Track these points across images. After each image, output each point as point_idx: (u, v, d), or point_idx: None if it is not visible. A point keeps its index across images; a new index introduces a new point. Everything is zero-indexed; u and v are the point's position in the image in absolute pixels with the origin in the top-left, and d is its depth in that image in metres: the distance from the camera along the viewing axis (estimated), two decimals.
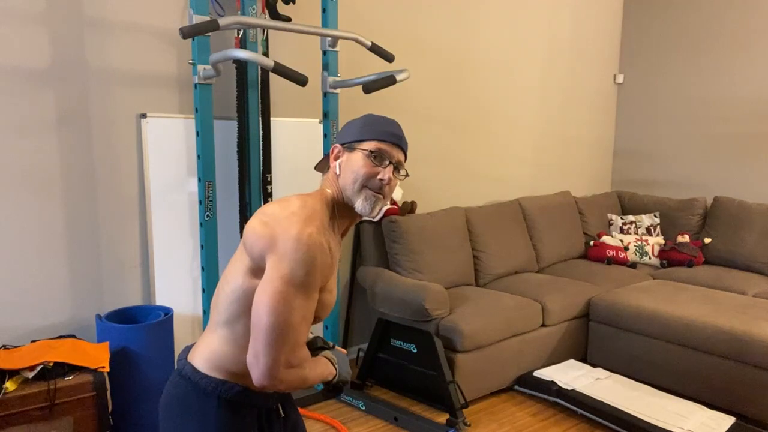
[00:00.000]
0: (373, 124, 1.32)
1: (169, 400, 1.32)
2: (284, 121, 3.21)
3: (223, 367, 1.28)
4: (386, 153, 1.30)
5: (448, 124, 4.05)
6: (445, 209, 3.79)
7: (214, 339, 1.30)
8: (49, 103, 2.54)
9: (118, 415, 2.48)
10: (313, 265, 1.19)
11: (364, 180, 1.29)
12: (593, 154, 5.18)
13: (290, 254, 1.18)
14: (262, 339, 1.17)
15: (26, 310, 2.57)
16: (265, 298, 1.17)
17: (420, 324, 3.16)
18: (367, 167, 1.29)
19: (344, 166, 1.31)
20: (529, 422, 2.97)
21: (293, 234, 1.18)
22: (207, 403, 1.27)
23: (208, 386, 1.27)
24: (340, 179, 1.31)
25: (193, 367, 1.30)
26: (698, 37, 4.70)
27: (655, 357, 3.31)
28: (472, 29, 4.09)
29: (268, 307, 1.17)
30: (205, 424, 1.26)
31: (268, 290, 1.17)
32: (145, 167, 2.80)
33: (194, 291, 2.99)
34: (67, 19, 2.54)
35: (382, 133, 1.31)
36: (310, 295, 1.21)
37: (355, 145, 1.31)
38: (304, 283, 1.19)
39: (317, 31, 2.68)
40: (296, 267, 1.17)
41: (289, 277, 1.17)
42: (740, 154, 4.53)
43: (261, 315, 1.17)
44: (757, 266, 4.06)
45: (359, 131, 1.32)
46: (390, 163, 1.31)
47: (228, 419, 1.27)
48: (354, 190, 1.29)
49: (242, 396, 1.29)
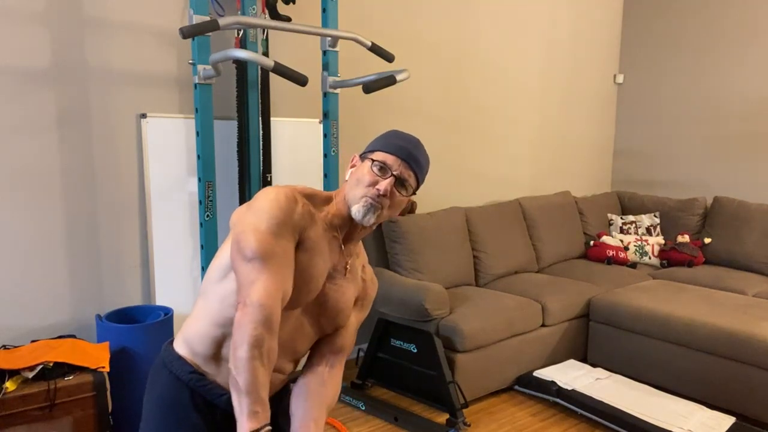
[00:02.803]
0: (389, 137, 1.33)
1: None
2: (284, 121, 3.21)
3: (188, 340, 1.33)
4: (390, 165, 1.28)
5: (448, 123, 4.05)
6: (445, 209, 3.79)
7: (190, 315, 1.36)
8: (49, 103, 2.54)
9: (118, 415, 2.48)
10: (281, 209, 1.20)
11: (365, 187, 1.28)
12: (593, 154, 5.18)
13: (256, 202, 1.22)
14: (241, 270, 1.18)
15: (26, 310, 2.57)
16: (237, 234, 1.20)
17: (420, 324, 3.16)
18: (370, 175, 1.28)
19: (353, 173, 1.32)
20: (529, 422, 2.97)
21: (260, 192, 1.25)
22: (160, 373, 1.35)
23: (166, 358, 1.35)
24: (347, 185, 1.32)
25: (171, 340, 1.39)
26: (698, 37, 4.70)
27: (655, 357, 3.31)
28: (472, 29, 4.09)
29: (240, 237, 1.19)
30: (152, 391, 1.35)
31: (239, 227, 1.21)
32: (145, 167, 2.80)
33: (194, 291, 2.99)
34: (67, 19, 2.54)
35: (393, 146, 1.30)
36: (280, 234, 1.20)
37: (368, 154, 1.32)
38: (272, 224, 1.19)
39: (317, 31, 2.68)
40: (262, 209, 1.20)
41: (256, 218, 1.20)
42: (740, 154, 4.53)
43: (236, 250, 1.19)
44: (757, 266, 4.06)
45: (375, 142, 1.34)
46: (392, 176, 1.27)
47: (169, 397, 1.31)
48: (354, 195, 1.29)
49: (192, 378, 1.30)
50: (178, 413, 1.29)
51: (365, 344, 3.44)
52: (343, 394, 3.16)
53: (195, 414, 1.29)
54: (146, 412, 1.34)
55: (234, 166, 3.03)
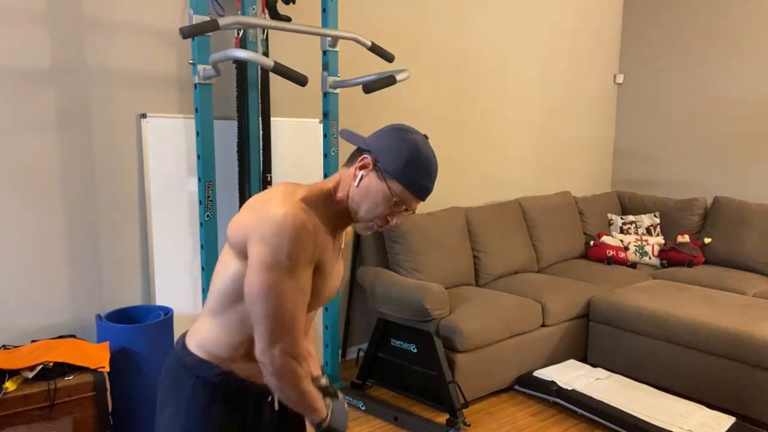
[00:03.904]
0: (418, 175, 1.25)
1: (163, 371, 1.39)
2: (284, 121, 3.21)
3: (208, 349, 1.31)
4: (409, 205, 1.28)
5: (447, 124, 4.05)
6: (445, 209, 3.79)
7: (204, 324, 1.33)
8: (49, 103, 2.54)
9: (118, 415, 2.48)
10: (296, 243, 1.17)
11: (376, 216, 1.28)
12: (593, 154, 5.18)
13: (270, 238, 1.16)
14: (260, 323, 1.19)
15: (26, 310, 2.57)
16: (255, 288, 1.18)
17: (420, 324, 3.16)
18: (386, 209, 1.27)
19: (365, 186, 1.26)
20: (529, 422, 2.97)
21: (271, 216, 1.17)
22: (186, 379, 1.31)
23: (189, 363, 1.32)
24: (355, 194, 1.27)
25: (183, 344, 1.35)
26: (698, 37, 4.70)
27: (655, 357, 3.31)
28: (473, 29, 4.09)
29: (259, 298, 1.18)
30: (180, 397, 1.31)
31: (256, 281, 1.17)
32: (145, 167, 2.80)
33: (194, 291, 2.99)
34: (67, 19, 2.54)
35: (421, 189, 1.26)
36: (298, 274, 1.19)
37: (388, 178, 1.24)
38: (290, 265, 1.17)
39: (317, 31, 2.68)
40: (278, 251, 1.16)
41: (273, 263, 1.16)
42: (740, 154, 4.53)
43: (255, 304, 1.19)
44: (757, 266, 4.06)
45: (402, 169, 1.24)
46: (406, 210, 1.29)
47: (200, 398, 1.29)
48: (362, 215, 1.28)
49: (221, 378, 1.30)
50: (212, 413, 1.30)
51: (365, 344, 3.44)
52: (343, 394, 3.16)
53: (228, 409, 1.31)
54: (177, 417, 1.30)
55: (234, 166, 3.03)
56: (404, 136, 1.26)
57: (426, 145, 1.27)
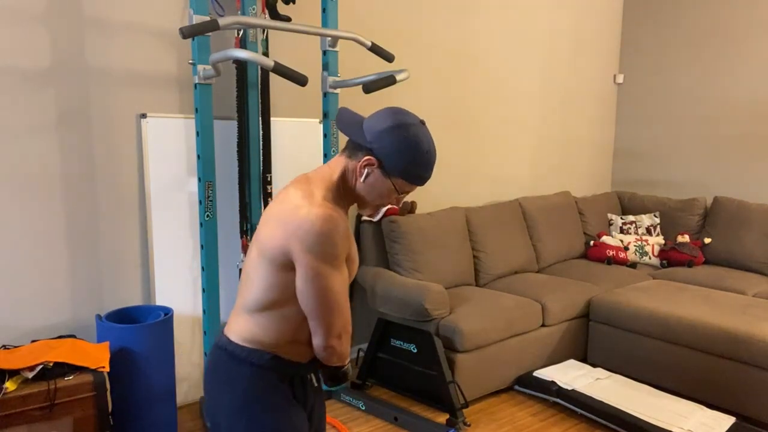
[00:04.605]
0: (420, 169, 1.35)
1: (208, 368, 1.45)
2: (284, 121, 3.21)
3: (256, 339, 1.38)
4: (411, 190, 1.40)
5: (447, 123, 4.05)
6: (445, 209, 3.79)
7: (243, 320, 1.39)
8: (49, 103, 2.54)
9: (118, 415, 2.48)
10: (335, 244, 1.27)
11: (382, 204, 1.41)
12: (593, 154, 5.18)
13: (314, 247, 1.26)
14: (320, 322, 1.31)
15: (26, 310, 2.57)
16: (312, 295, 1.29)
17: (420, 324, 3.16)
18: (391, 198, 1.39)
19: (371, 183, 1.36)
20: (529, 422, 2.97)
21: (308, 225, 1.26)
22: (239, 370, 1.37)
23: (240, 354, 1.38)
24: (361, 188, 1.37)
25: (227, 338, 1.41)
26: (698, 37, 4.70)
27: (655, 357, 3.31)
28: (472, 29, 4.09)
29: (319, 303, 1.30)
30: (237, 385, 1.37)
31: (312, 290, 1.29)
32: (145, 167, 2.80)
33: (194, 291, 2.99)
34: (67, 19, 2.54)
35: (422, 179, 1.38)
36: (341, 269, 1.32)
37: (393, 176, 1.34)
38: (335, 264, 1.29)
39: (317, 31, 2.68)
40: (324, 257, 1.27)
41: (323, 269, 1.27)
42: (740, 154, 4.53)
43: (314, 308, 1.31)
44: (757, 266, 4.06)
45: (405, 168, 1.34)
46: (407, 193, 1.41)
47: (257, 383, 1.37)
48: (368, 204, 1.41)
49: (273, 362, 1.38)
50: (272, 393, 1.39)
51: (365, 344, 3.44)
52: (343, 394, 3.16)
53: (284, 387, 1.41)
54: (237, 406, 1.38)
55: (234, 166, 3.03)
56: (405, 133, 1.32)
57: (425, 137, 1.35)
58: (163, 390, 2.58)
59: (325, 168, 1.39)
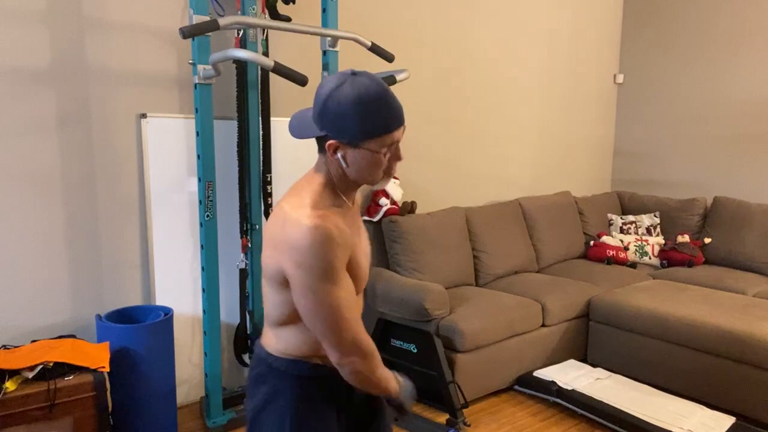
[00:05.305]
0: (379, 117, 1.20)
1: (250, 379, 1.43)
2: (284, 121, 3.21)
3: (292, 350, 1.36)
4: (395, 140, 1.25)
5: (448, 123, 4.05)
6: (445, 209, 3.79)
7: (274, 334, 1.38)
8: (49, 103, 2.54)
9: (118, 415, 2.48)
10: (325, 257, 1.19)
11: (383, 170, 1.28)
12: (593, 154, 5.18)
13: (301, 260, 1.19)
14: (325, 341, 1.26)
15: (26, 310, 2.57)
16: (308, 311, 1.24)
17: (420, 324, 3.16)
18: (383, 161, 1.26)
19: (352, 161, 1.25)
20: (529, 422, 2.97)
21: (295, 239, 1.19)
22: (284, 380, 1.36)
23: (280, 366, 1.36)
24: (351, 171, 1.27)
25: (266, 351, 1.39)
26: (698, 37, 4.70)
27: (655, 357, 3.31)
28: (473, 29, 4.09)
29: (315, 318, 1.24)
30: (277, 398, 1.36)
31: (306, 305, 1.23)
32: (145, 167, 2.80)
33: (194, 291, 2.99)
34: (67, 19, 2.54)
35: (391, 123, 1.22)
36: (338, 280, 1.23)
37: (361, 143, 1.22)
38: (328, 277, 1.21)
39: (317, 31, 2.68)
40: (314, 272, 1.19)
41: (313, 283, 1.20)
42: (740, 154, 4.53)
43: (314, 324, 1.25)
44: (757, 266, 4.06)
45: (364, 129, 1.20)
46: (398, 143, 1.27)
47: (301, 391, 1.36)
48: (372, 179, 1.29)
49: (313, 372, 1.37)
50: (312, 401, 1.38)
51: None
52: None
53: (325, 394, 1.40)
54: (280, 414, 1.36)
55: (234, 166, 3.03)
56: (338, 99, 1.19)
57: (361, 85, 1.19)
58: (163, 390, 2.58)
59: (310, 172, 1.33)
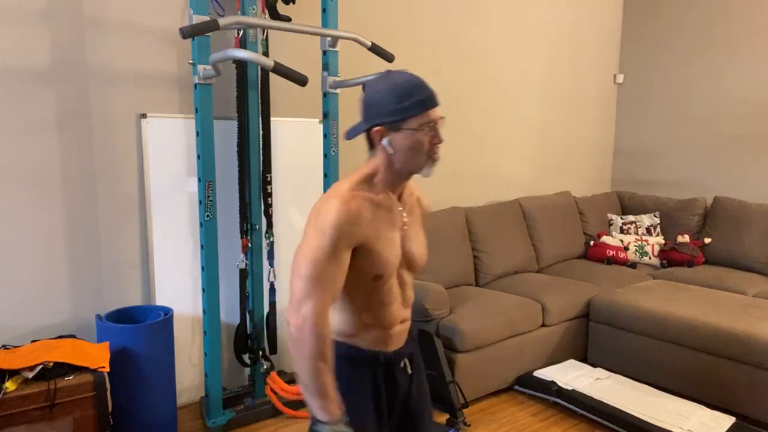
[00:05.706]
0: (415, 98, 1.32)
1: None
2: (284, 121, 3.21)
3: (339, 332, 1.47)
4: (433, 119, 1.34)
5: (448, 123, 4.05)
6: (445, 209, 3.79)
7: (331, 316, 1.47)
8: (49, 103, 2.54)
9: (118, 415, 2.48)
10: (333, 224, 1.29)
11: (427, 152, 1.36)
12: (593, 154, 5.18)
13: (314, 219, 1.32)
14: (293, 284, 1.31)
15: (26, 310, 2.57)
16: (298, 253, 1.33)
17: (420, 324, 3.16)
18: (426, 143, 1.35)
19: (397, 147, 1.35)
20: (529, 422, 2.97)
21: (318, 206, 1.34)
22: (336, 361, 1.43)
23: (334, 348, 1.44)
24: (397, 158, 1.37)
25: None
26: (698, 37, 4.70)
27: (655, 357, 3.31)
28: (473, 29, 4.09)
29: (294, 260, 1.33)
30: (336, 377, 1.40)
31: (300, 249, 1.33)
32: (145, 167, 2.80)
33: (194, 291, 2.99)
34: (67, 19, 2.54)
35: (426, 103, 1.33)
36: (330, 244, 1.30)
37: (401, 125, 1.33)
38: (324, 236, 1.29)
39: (317, 31, 2.68)
40: (316, 225, 1.31)
41: (307, 231, 1.32)
42: (740, 154, 4.53)
43: (295, 268, 1.32)
44: (757, 266, 4.06)
45: (401, 110, 1.32)
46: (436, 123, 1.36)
47: (345, 372, 1.45)
48: (418, 163, 1.37)
49: (353, 352, 1.46)
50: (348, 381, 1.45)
51: None
52: None
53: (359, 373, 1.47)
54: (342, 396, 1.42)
55: (234, 166, 3.03)
56: (375, 88, 1.36)
57: (396, 75, 1.35)
58: (163, 390, 2.58)
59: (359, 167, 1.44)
